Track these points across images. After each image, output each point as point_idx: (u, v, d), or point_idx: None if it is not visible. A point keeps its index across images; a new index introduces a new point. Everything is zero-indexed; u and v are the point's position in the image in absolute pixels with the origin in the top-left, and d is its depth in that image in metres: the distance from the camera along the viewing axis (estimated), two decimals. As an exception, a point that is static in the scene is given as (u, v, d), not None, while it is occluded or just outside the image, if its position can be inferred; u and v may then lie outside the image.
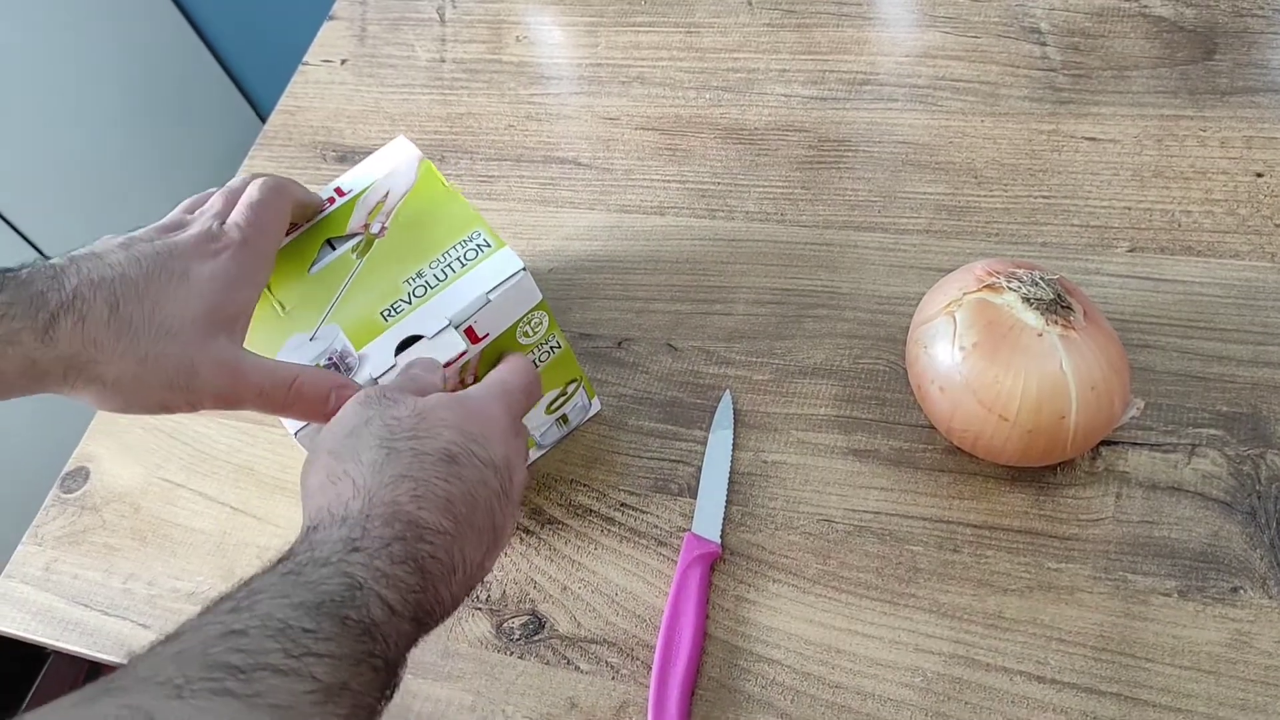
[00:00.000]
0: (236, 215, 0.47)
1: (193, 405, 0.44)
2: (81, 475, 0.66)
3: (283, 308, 0.49)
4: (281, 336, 0.49)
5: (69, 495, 0.65)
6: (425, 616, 0.37)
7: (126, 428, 0.67)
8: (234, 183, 0.50)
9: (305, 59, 0.85)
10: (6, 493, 1.27)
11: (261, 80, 1.61)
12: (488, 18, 0.83)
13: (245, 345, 0.45)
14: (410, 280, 0.49)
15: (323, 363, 0.48)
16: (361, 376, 0.47)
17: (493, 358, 0.51)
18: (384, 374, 0.47)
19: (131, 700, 0.28)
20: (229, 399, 0.44)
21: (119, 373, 0.41)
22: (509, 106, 0.77)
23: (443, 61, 0.82)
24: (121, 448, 0.66)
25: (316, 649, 0.32)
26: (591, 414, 0.61)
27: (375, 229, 0.51)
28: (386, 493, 0.38)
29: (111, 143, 1.41)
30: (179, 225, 0.47)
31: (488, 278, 0.49)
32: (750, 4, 0.78)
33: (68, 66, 1.34)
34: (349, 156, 0.77)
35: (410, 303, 0.48)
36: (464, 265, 0.49)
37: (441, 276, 0.49)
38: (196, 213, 0.48)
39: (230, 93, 1.61)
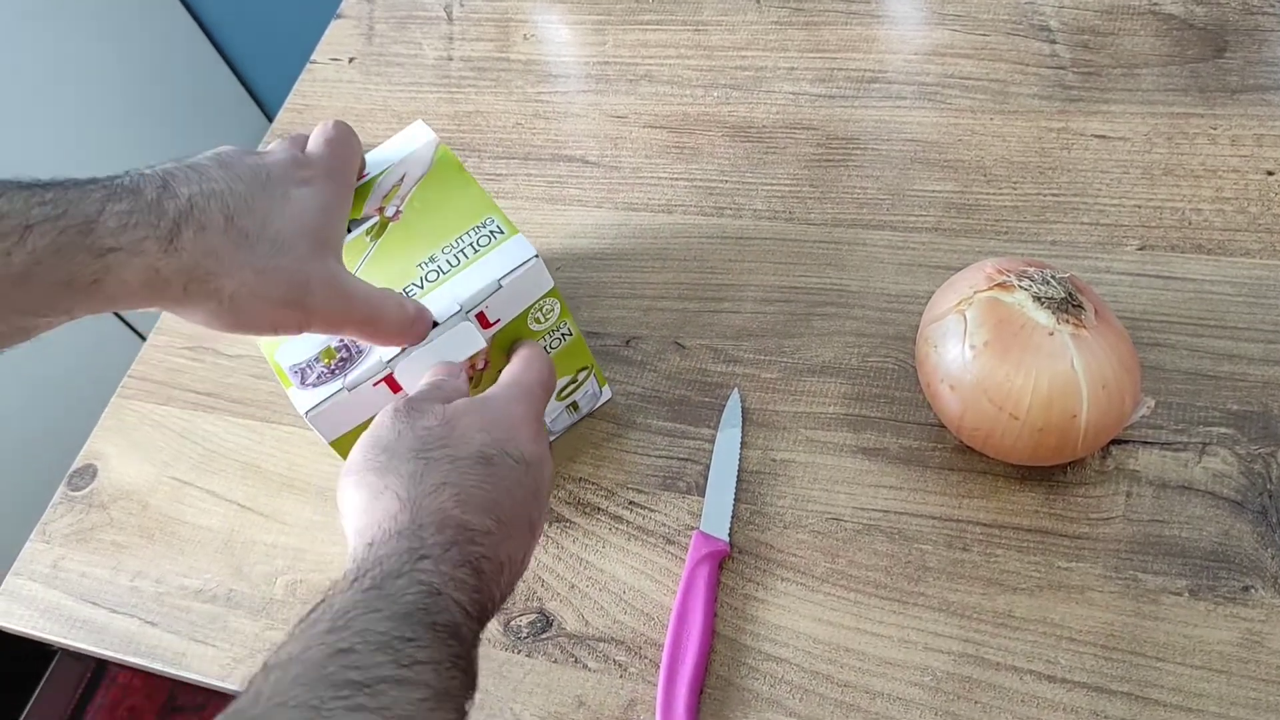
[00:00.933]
0: (315, 147, 0.47)
1: (301, 325, 0.43)
2: (89, 473, 0.66)
3: None
4: None
5: (77, 493, 0.65)
6: (485, 616, 0.38)
7: (135, 425, 0.67)
8: (297, 134, 0.51)
9: (313, 57, 0.85)
10: (14, 490, 1.27)
11: (269, 79, 1.61)
12: (495, 16, 0.83)
13: None
14: (423, 264, 0.49)
15: (334, 345, 0.48)
16: (370, 361, 0.47)
17: (505, 344, 0.51)
18: (393, 358, 0.47)
19: None
20: (336, 321, 0.44)
21: (237, 286, 0.41)
22: (516, 105, 0.77)
23: (450, 60, 0.82)
24: (129, 445, 0.66)
25: (421, 657, 0.33)
26: (602, 401, 0.60)
27: (390, 212, 0.52)
28: (431, 501, 0.38)
29: (119, 141, 1.41)
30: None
31: (500, 264, 0.49)
32: (758, 2, 0.78)
33: (75, 65, 1.34)
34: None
35: (423, 287, 0.49)
36: (477, 251, 0.49)
37: (454, 262, 0.49)
38: (273, 144, 0.48)
39: (237, 91, 1.61)
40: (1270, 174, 0.60)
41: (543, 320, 0.52)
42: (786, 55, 0.74)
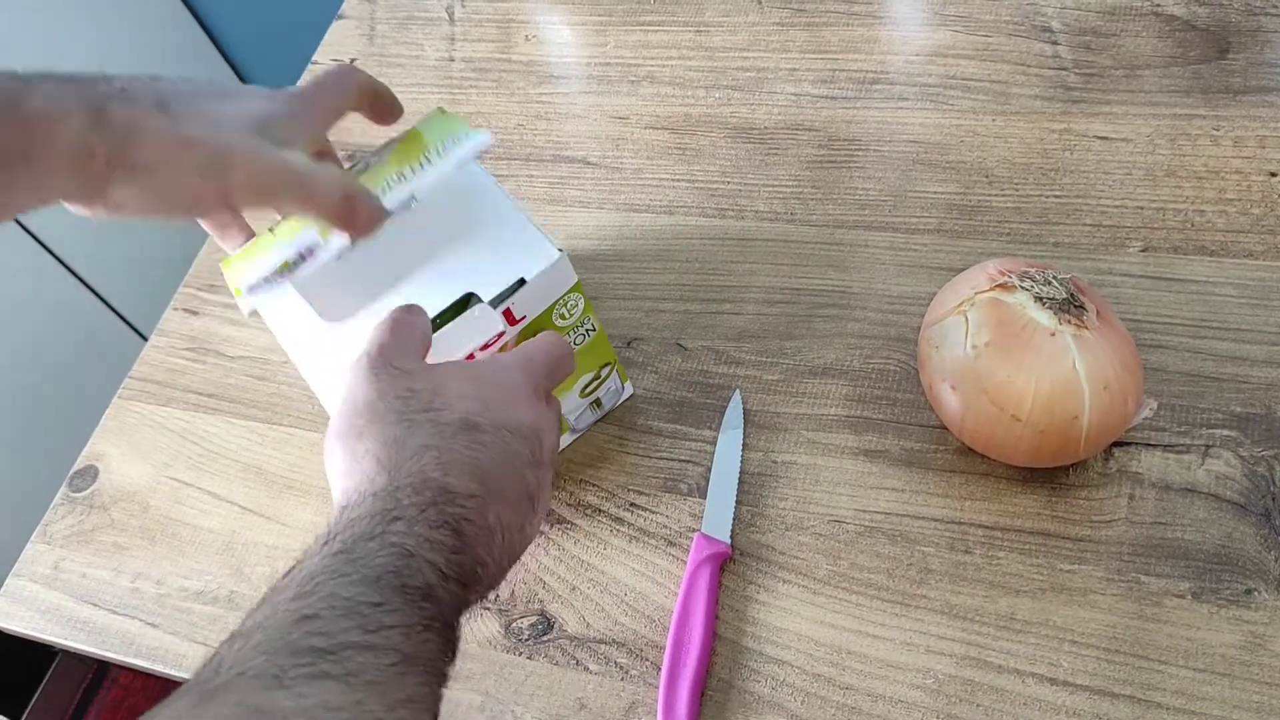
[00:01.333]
0: (293, 89, 0.48)
1: (224, 197, 0.43)
2: (90, 474, 0.66)
3: (272, 230, 0.49)
4: (264, 252, 0.48)
5: (78, 494, 0.65)
6: (470, 580, 0.37)
7: (136, 426, 0.67)
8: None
9: (314, 58, 0.85)
10: (15, 491, 1.27)
11: (270, 79, 1.61)
12: (497, 17, 0.83)
13: (231, 259, 0.46)
14: (389, 178, 0.49)
15: (290, 257, 0.47)
16: (322, 256, 0.47)
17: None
18: (345, 250, 0.46)
19: (239, 698, 0.29)
20: (259, 190, 0.43)
21: (154, 154, 0.41)
22: (518, 105, 0.77)
23: (452, 61, 0.82)
24: (130, 446, 0.66)
25: (389, 621, 0.32)
26: (625, 397, 0.61)
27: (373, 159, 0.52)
28: (412, 464, 0.38)
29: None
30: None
31: (526, 263, 0.49)
32: (760, 3, 0.77)
33: (76, 65, 1.34)
34: (357, 155, 0.77)
35: (385, 192, 0.48)
36: (440, 155, 0.49)
37: (419, 167, 0.49)
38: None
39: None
40: (1273, 175, 0.60)
41: (568, 315, 0.52)
42: (788, 56, 0.74)
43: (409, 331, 0.44)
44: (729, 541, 0.54)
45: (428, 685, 0.33)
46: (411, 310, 0.45)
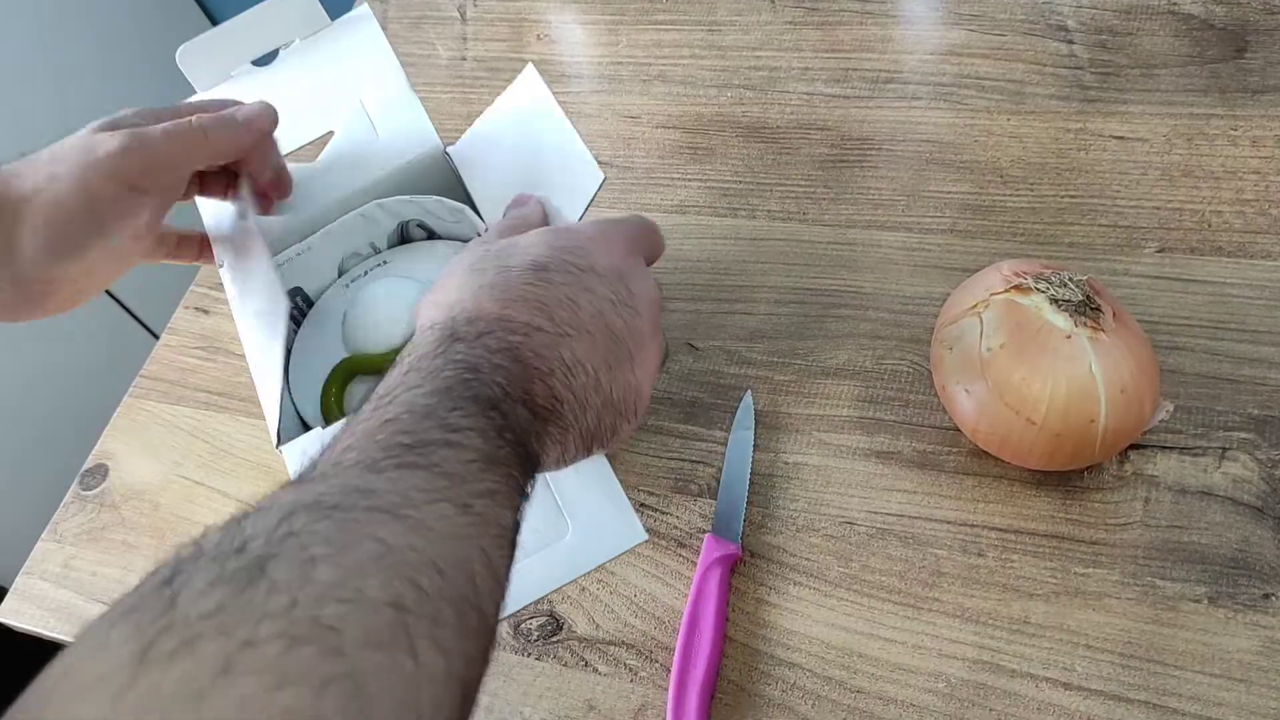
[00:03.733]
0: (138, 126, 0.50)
1: (141, 180, 0.48)
2: (100, 472, 0.66)
3: None
4: None
5: (88, 492, 0.65)
6: (543, 412, 0.38)
7: (146, 425, 0.67)
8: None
9: (326, 57, 0.85)
10: (26, 489, 1.27)
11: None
12: (509, 16, 0.83)
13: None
14: None
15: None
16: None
17: None
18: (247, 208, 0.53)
19: (340, 481, 0.30)
20: (174, 156, 0.49)
21: (41, 181, 0.46)
22: (529, 105, 0.77)
23: (464, 60, 0.81)
24: (141, 445, 0.66)
25: (465, 424, 0.34)
26: None
27: None
28: (470, 302, 0.39)
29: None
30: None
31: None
32: (772, 2, 0.77)
33: (86, 63, 1.34)
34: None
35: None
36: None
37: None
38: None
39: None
40: (1292, 176, 0.60)
41: None
42: (801, 55, 0.74)
43: (514, 220, 0.47)
44: (739, 543, 0.54)
45: (507, 485, 0.34)
46: (520, 200, 0.50)
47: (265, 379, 0.50)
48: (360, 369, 0.55)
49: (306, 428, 0.53)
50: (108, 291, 1.36)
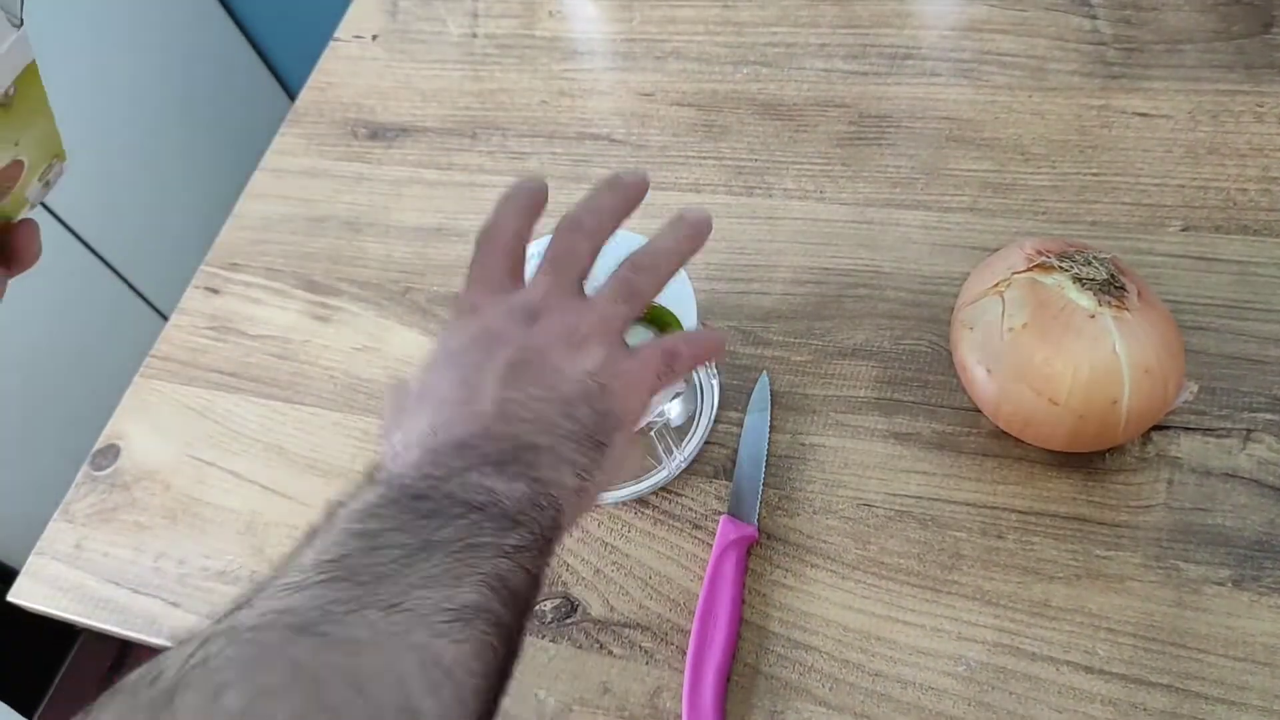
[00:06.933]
0: None
1: None
2: (112, 453, 0.65)
3: None
4: None
5: (100, 473, 0.65)
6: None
7: (157, 406, 0.67)
8: None
9: (336, 34, 0.84)
10: (37, 470, 1.27)
11: (290, 57, 1.61)
12: (520, -8, 0.82)
13: None
14: None
15: None
16: None
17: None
18: None
19: (259, 607, 0.30)
20: None
21: None
22: (542, 82, 0.76)
23: (475, 37, 0.80)
24: (152, 426, 0.66)
25: (390, 525, 0.34)
26: None
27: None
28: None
29: (138, 119, 1.41)
30: None
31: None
32: (788, -23, 0.76)
33: (94, 41, 1.34)
34: (380, 133, 0.76)
35: None
36: None
37: None
38: None
39: (258, 70, 1.61)
40: (1319, 153, 0.59)
41: None
42: (818, 31, 0.72)
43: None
44: (755, 525, 0.53)
45: (459, 563, 0.33)
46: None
47: None
48: None
49: None
50: (116, 272, 1.36)
